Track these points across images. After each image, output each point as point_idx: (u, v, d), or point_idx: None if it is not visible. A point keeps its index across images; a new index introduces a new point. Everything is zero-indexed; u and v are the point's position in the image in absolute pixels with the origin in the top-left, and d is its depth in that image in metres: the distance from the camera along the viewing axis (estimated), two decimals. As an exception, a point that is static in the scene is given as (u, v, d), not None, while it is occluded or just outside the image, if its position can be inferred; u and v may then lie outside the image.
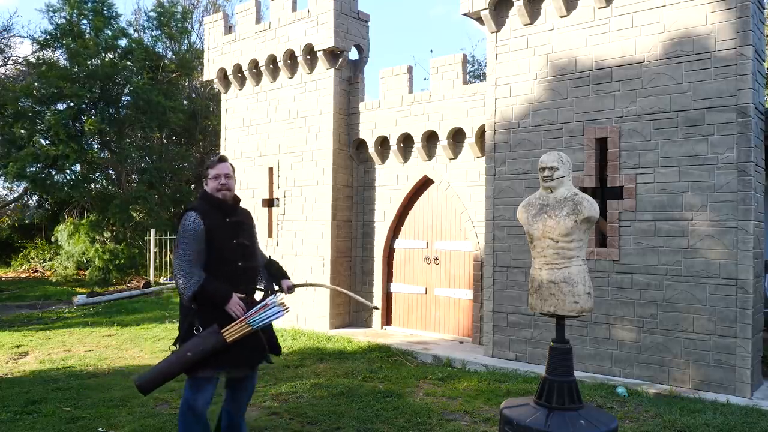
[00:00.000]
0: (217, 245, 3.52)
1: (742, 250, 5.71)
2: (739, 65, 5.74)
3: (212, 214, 3.55)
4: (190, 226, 3.47)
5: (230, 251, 3.57)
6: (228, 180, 3.65)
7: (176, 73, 19.38)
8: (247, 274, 3.70)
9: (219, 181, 3.63)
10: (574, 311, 3.43)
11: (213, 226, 3.52)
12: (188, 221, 3.48)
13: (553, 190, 3.55)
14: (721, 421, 4.88)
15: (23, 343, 8.39)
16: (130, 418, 5.07)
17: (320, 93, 9.58)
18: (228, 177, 3.66)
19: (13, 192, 22.90)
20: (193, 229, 3.46)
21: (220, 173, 3.64)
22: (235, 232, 3.64)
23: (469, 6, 7.39)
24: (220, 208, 3.62)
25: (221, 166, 3.66)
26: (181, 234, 3.48)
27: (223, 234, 3.56)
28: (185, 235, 3.46)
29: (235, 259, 3.60)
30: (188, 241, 3.45)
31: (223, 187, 3.63)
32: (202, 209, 3.55)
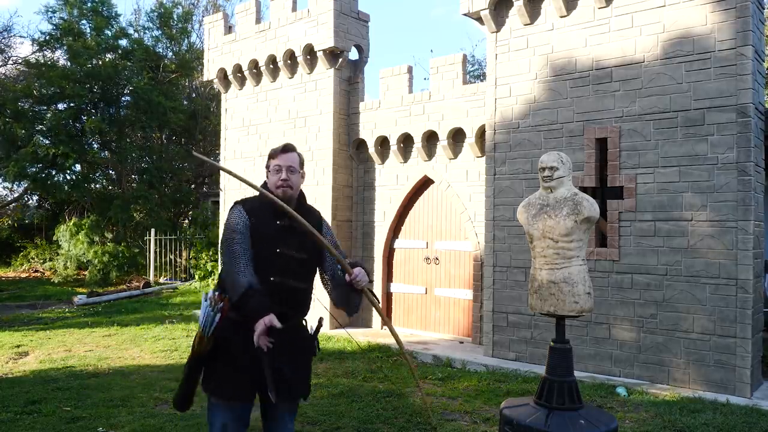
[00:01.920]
0: (256, 251, 2.86)
1: (742, 250, 5.71)
2: (739, 65, 5.74)
3: (262, 212, 2.93)
4: (233, 221, 2.88)
5: (266, 261, 2.86)
6: (291, 175, 2.96)
7: (176, 73, 19.38)
8: (284, 294, 2.88)
9: (280, 176, 2.94)
10: (574, 311, 3.43)
11: (259, 225, 2.89)
12: (232, 216, 2.91)
13: (553, 190, 3.55)
14: (721, 421, 4.88)
15: (23, 343, 8.39)
16: (130, 418, 5.07)
17: (320, 93, 9.58)
18: (291, 171, 2.96)
19: (13, 192, 22.90)
20: (237, 225, 2.86)
21: (283, 165, 2.94)
22: (283, 238, 2.91)
23: (469, 6, 7.39)
24: (273, 207, 2.91)
25: (286, 157, 2.96)
26: (225, 231, 2.90)
27: (266, 238, 2.88)
28: (229, 233, 2.86)
29: (269, 272, 2.85)
30: (233, 238, 2.84)
31: (284, 184, 2.93)
32: (251, 204, 2.97)
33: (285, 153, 2.98)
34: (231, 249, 2.82)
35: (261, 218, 2.90)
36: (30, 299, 13.61)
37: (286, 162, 2.95)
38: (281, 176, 2.94)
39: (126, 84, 17.46)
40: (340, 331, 8.96)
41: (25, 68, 18.78)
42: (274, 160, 2.97)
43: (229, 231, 2.87)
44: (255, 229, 2.88)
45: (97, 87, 17.12)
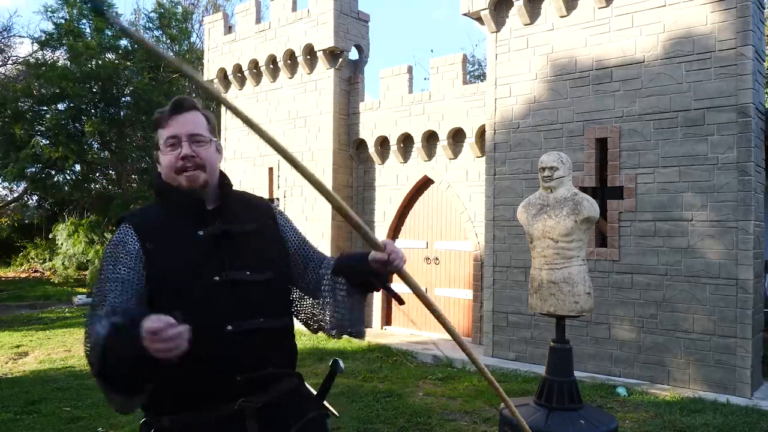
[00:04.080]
0: (172, 288, 1.60)
1: (742, 250, 5.71)
2: (739, 65, 5.74)
3: (168, 227, 1.69)
4: (110, 246, 1.67)
5: (199, 303, 1.60)
6: (199, 148, 1.70)
7: (176, 74, 19.37)
8: (252, 347, 1.65)
9: (177, 152, 1.69)
10: (574, 311, 3.43)
11: (161, 247, 1.64)
12: (112, 238, 1.69)
13: (553, 190, 3.55)
14: (721, 421, 4.88)
15: (23, 343, 8.38)
16: (130, 418, 5.07)
17: (320, 93, 9.58)
18: (197, 141, 1.70)
19: (13, 192, 22.90)
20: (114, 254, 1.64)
21: (181, 134, 1.69)
22: (221, 257, 1.67)
23: (469, 6, 7.38)
24: (177, 207, 1.72)
25: (182, 121, 1.71)
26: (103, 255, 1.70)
27: (185, 263, 1.64)
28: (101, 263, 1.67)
29: (214, 317, 1.62)
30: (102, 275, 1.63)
31: (188, 164, 1.69)
32: (143, 216, 1.73)
33: (178, 114, 1.71)
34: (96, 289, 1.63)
35: (166, 237, 1.66)
36: (30, 299, 13.61)
37: (183, 128, 1.69)
38: (180, 152, 1.68)
39: (126, 84, 17.45)
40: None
41: (25, 68, 18.78)
42: (164, 129, 1.71)
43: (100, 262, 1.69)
44: (155, 255, 1.63)
45: (97, 87, 17.12)
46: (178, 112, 1.71)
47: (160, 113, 1.75)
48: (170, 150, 1.69)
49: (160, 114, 1.75)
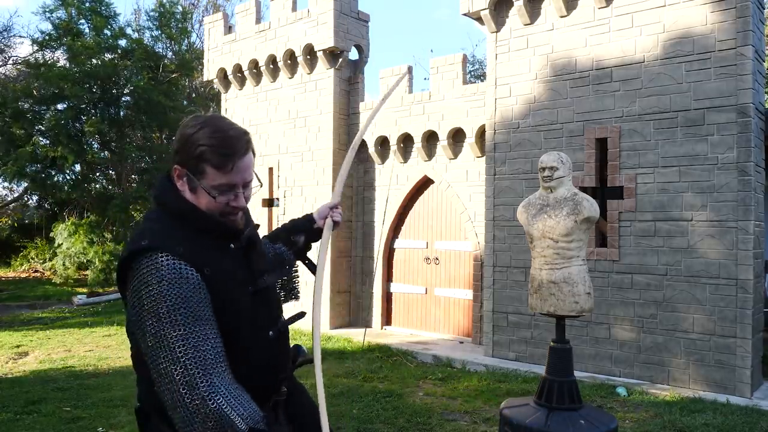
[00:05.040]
0: (232, 310, 1.56)
1: (742, 250, 5.71)
2: (739, 65, 5.74)
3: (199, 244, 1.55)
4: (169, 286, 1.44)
5: (249, 311, 1.61)
6: (248, 191, 1.63)
7: (176, 73, 19.38)
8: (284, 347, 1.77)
9: (232, 200, 1.59)
10: (574, 311, 3.43)
11: (216, 271, 1.54)
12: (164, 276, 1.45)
13: (553, 190, 3.55)
14: (721, 421, 4.88)
15: (23, 343, 8.38)
16: (130, 418, 5.07)
17: (320, 93, 9.58)
18: (247, 186, 1.62)
19: (13, 192, 22.91)
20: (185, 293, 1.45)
21: (238, 183, 1.58)
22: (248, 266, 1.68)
23: (469, 6, 7.39)
24: (218, 231, 1.62)
25: (244, 165, 1.57)
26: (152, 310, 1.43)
27: (231, 279, 1.59)
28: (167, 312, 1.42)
29: (263, 325, 1.67)
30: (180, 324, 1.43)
31: (235, 211, 1.62)
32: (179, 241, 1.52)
33: (240, 159, 1.56)
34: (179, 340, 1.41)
35: (210, 257, 1.55)
36: (30, 299, 13.61)
37: (241, 177, 1.58)
38: (235, 201, 1.59)
39: (126, 84, 17.46)
40: (341, 331, 8.95)
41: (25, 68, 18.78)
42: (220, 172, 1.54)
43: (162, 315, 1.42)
44: (216, 286, 1.52)
45: (96, 87, 17.12)
46: (243, 157, 1.55)
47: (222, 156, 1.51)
48: (219, 195, 1.56)
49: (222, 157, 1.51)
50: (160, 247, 1.46)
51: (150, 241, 1.47)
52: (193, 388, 1.38)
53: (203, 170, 1.53)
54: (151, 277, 1.43)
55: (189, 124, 1.57)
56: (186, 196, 1.58)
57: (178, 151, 1.56)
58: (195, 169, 1.54)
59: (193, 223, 1.57)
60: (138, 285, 1.45)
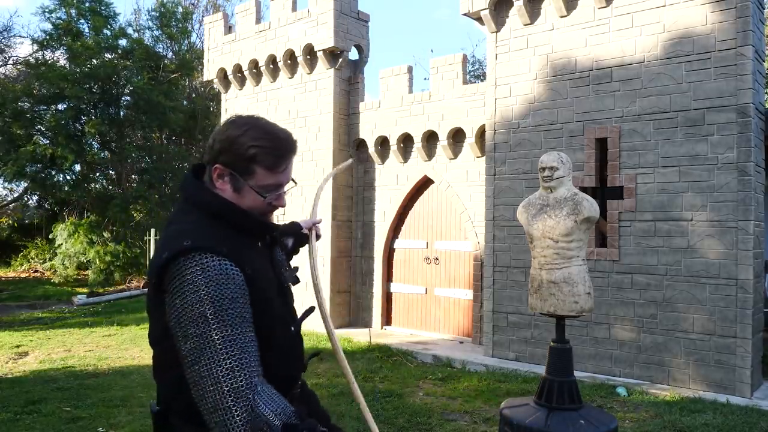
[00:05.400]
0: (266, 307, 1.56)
1: (742, 250, 5.71)
2: (739, 65, 5.74)
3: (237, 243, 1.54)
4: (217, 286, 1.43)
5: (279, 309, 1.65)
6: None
7: (176, 73, 19.38)
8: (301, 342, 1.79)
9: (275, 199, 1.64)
10: (574, 311, 3.43)
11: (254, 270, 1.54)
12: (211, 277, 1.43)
13: (553, 190, 3.55)
14: (721, 421, 4.88)
15: (23, 343, 8.38)
16: (130, 418, 5.07)
17: (320, 93, 9.58)
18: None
19: (13, 192, 22.91)
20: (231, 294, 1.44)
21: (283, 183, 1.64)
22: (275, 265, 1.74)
23: (469, 6, 7.39)
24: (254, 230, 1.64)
25: (291, 166, 1.65)
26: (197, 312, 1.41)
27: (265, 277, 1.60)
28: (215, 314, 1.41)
29: (287, 321, 1.69)
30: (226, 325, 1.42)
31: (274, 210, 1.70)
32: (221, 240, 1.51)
33: (289, 161, 1.63)
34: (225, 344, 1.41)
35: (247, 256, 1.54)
36: (30, 299, 13.61)
37: (286, 178, 1.65)
38: (277, 201, 1.65)
39: (126, 84, 17.46)
40: (341, 332, 8.95)
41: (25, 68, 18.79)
42: (270, 173, 1.58)
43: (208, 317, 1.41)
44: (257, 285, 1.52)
45: (96, 87, 17.12)
46: (291, 157, 1.62)
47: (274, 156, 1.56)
48: (269, 190, 1.60)
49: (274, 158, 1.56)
50: (205, 247, 1.44)
51: (193, 241, 1.44)
52: (238, 390, 1.39)
53: (253, 171, 1.55)
54: (197, 278, 1.41)
55: (232, 126, 1.57)
56: (225, 195, 1.57)
57: (222, 152, 1.55)
58: (244, 169, 1.55)
59: (230, 222, 1.56)
60: (181, 286, 1.42)
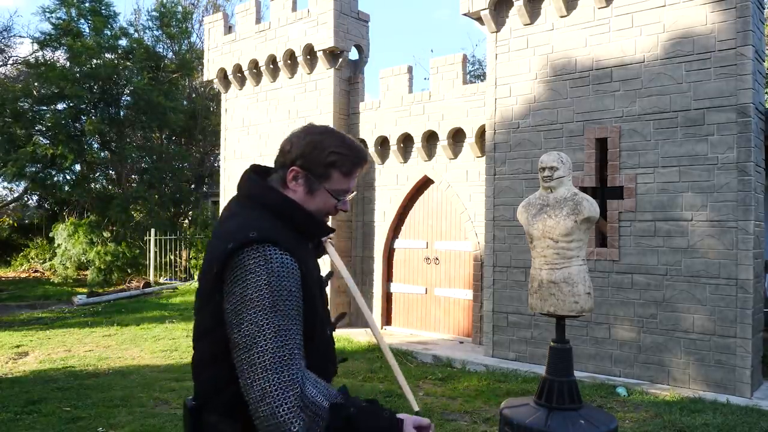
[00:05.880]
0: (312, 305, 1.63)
1: (742, 250, 5.71)
2: (739, 65, 5.74)
3: (296, 242, 1.63)
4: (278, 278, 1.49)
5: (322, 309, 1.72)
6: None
7: (176, 73, 19.38)
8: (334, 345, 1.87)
9: (342, 204, 1.76)
10: (574, 311, 3.43)
11: (307, 268, 1.61)
12: (273, 268, 1.49)
13: (553, 190, 3.55)
14: (721, 421, 4.88)
15: (23, 343, 8.38)
16: (130, 418, 5.07)
17: (320, 93, 9.58)
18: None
19: (13, 192, 22.91)
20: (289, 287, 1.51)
21: (351, 189, 1.76)
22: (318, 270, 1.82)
23: (469, 6, 7.39)
24: (312, 231, 1.74)
25: (357, 178, 1.77)
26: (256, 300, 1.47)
27: (314, 278, 1.69)
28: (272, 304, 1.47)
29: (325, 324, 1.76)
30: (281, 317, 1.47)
31: (336, 213, 1.78)
32: (283, 236, 1.58)
33: (361, 170, 1.75)
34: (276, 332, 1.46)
35: (303, 255, 1.62)
36: (30, 299, 13.61)
37: (355, 185, 1.78)
38: (343, 206, 1.76)
39: (126, 84, 17.46)
40: (341, 332, 8.95)
41: (25, 68, 18.79)
42: (347, 179, 1.71)
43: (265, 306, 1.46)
44: (307, 282, 1.59)
45: (96, 87, 17.12)
46: (363, 167, 1.73)
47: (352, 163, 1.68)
48: (332, 197, 1.69)
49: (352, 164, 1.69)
50: (270, 240, 1.50)
51: (259, 233, 1.50)
52: (288, 377, 1.43)
53: (329, 175, 1.66)
54: (259, 268, 1.47)
55: (312, 133, 1.68)
56: (295, 196, 1.67)
57: (301, 156, 1.65)
58: (322, 173, 1.65)
59: (294, 221, 1.64)
60: (243, 275, 1.48)
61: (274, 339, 1.44)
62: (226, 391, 1.57)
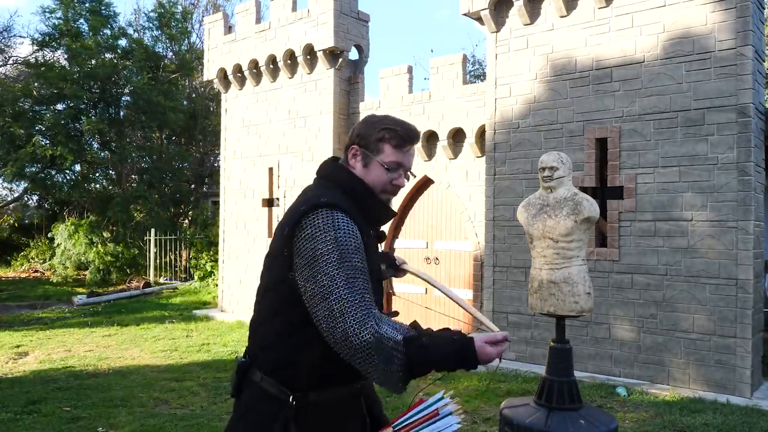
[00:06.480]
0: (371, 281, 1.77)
1: (742, 250, 5.71)
2: (739, 65, 5.74)
3: (360, 221, 1.77)
4: (345, 236, 1.66)
5: (377, 294, 1.93)
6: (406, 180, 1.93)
7: (176, 74, 19.38)
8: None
9: (396, 179, 1.87)
10: (574, 311, 3.43)
11: (367, 244, 1.78)
12: (341, 227, 1.67)
13: (553, 190, 3.55)
14: (721, 421, 4.88)
15: (23, 343, 8.38)
16: (130, 418, 5.07)
17: (320, 93, 9.58)
18: (407, 175, 1.92)
19: (13, 192, 22.91)
20: (355, 245, 1.68)
21: (405, 165, 1.88)
22: (377, 255, 2.00)
23: (469, 6, 7.39)
24: (375, 214, 1.88)
25: (411, 153, 1.89)
26: (326, 253, 1.63)
27: (375, 260, 1.90)
28: (340, 256, 1.63)
29: (380, 308, 1.92)
30: (350, 267, 1.64)
31: (395, 189, 1.90)
32: (350, 208, 1.76)
33: (412, 145, 1.88)
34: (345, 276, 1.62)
35: (365, 233, 1.77)
36: (30, 299, 13.60)
37: (410, 162, 1.89)
38: (398, 180, 1.87)
39: (125, 84, 17.46)
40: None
41: (25, 68, 18.79)
42: (397, 151, 1.83)
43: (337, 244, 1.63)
44: (367, 252, 1.75)
45: (96, 87, 17.12)
46: (413, 144, 1.88)
47: (401, 138, 1.83)
48: (388, 171, 1.83)
49: (401, 138, 1.83)
50: (338, 205, 1.69)
51: (329, 199, 1.70)
52: (363, 318, 1.59)
53: (381, 148, 1.82)
54: (328, 226, 1.65)
55: (369, 117, 1.90)
56: (356, 172, 1.85)
57: (360, 135, 1.85)
58: (374, 147, 1.82)
59: (359, 196, 1.81)
60: (314, 232, 1.65)
61: (346, 287, 1.60)
62: (271, 351, 1.73)
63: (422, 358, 1.64)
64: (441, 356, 1.65)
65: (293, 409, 1.71)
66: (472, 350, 1.65)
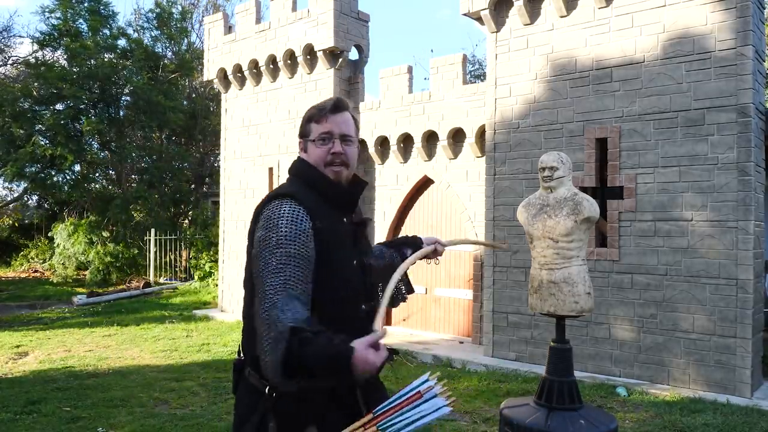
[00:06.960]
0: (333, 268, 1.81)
1: (742, 250, 5.71)
2: (739, 65, 5.74)
3: (322, 208, 1.84)
4: (286, 223, 1.72)
5: (351, 282, 1.88)
6: (347, 147, 1.92)
7: (176, 73, 19.37)
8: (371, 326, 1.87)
9: (330, 148, 1.89)
10: (574, 311, 3.43)
11: (327, 229, 1.81)
12: (283, 214, 1.74)
13: (553, 190, 3.55)
14: (721, 421, 4.88)
15: (23, 343, 8.38)
16: (130, 418, 5.07)
17: (320, 93, 9.58)
18: (347, 141, 1.92)
19: (13, 192, 22.91)
20: (295, 231, 1.72)
21: (335, 132, 1.90)
22: (358, 245, 1.97)
23: (469, 6, 7.39)
24: (335, 198, 1.91)
25: (338, 119, 1.91)
26: (267, 240, 1.72)
27: (341, 248, 1.87)
28: (276, 242, 1.70)
29: (358, 298, 1.91)
30: (282, 254, 1.69)
31: (338, 160, 1.90)
32: (305, 196, 1.82)
33: (336, 113, 1.89)
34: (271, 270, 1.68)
35: (327, 219, 1.82)
36: (30, 299, 13.60)
37: (339, 127, 1.89)
38: (333, 148, 1.88)
39: (125, 84, 17.45)
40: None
41: (25, 68, 18.78)
42: (319, 124, 1.89)
43: (272, 239, 1.71)
44: (323, 235, 1.78)
45: (95, 87, 17.11)
46: (335, 112, 1.92)
47: (318, 110, 1.93)
48: (321, 144, 1.90)
49: (318, 111, 1.93)
50: (287, 195, 1.80)
51: (283, 191, 1.83)
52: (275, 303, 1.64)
53: (309, 130, 1.94)
54: (273, 214, 1.75)
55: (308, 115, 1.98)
56: (305, 157, 1.95)
57: (299, 130, 2.00)
58: (305, 131, 1.95)
59: (318, 184, 1.88)
60: (263, 223, 1.77)
61: (274, 272, 1.67)
62: (252, 344, 1.76)
63: (300, 351, 1.55)
64: (315, 359, 1.55)
65: (271, 400, 1.74)
66: (345, 360, 1.56)
